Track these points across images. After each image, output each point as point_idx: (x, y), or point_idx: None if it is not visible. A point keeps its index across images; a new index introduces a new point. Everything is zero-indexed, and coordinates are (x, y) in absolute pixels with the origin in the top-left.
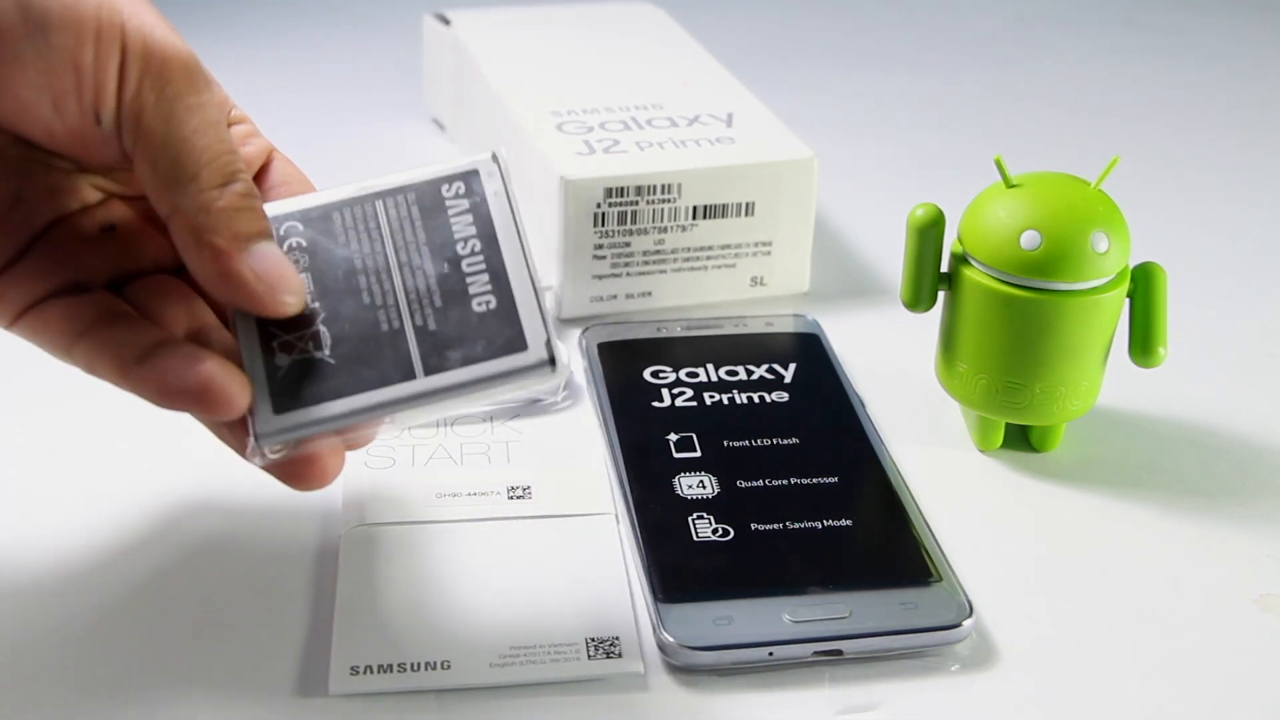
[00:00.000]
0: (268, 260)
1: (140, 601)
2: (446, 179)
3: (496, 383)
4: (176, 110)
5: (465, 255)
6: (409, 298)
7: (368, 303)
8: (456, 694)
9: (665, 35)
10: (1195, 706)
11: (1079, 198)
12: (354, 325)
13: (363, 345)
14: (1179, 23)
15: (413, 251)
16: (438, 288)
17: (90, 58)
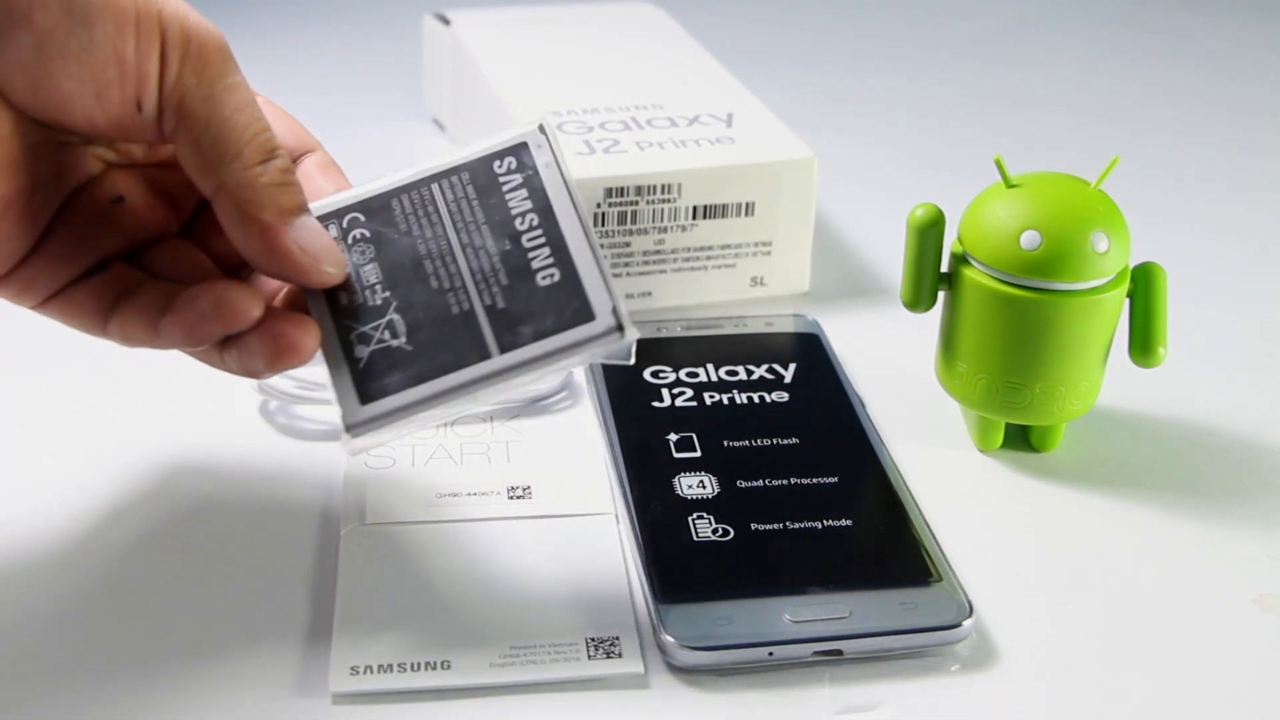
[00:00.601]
0: (310, 233)
1: (140, 601)
2: (497, 155)
3: (570, 353)
4: (216, 91)
5: (524, 230)
6: (475, 278)
7: (436, 287)
8: (456, 694)
9: (665, 35)
10: (1195, 706)
11: (1079, 198)
12: (426, 311)
13: (437, 330)
14: (1179, 23)
15: (474, 232)
16: (502, 265)
17: (132, 48)
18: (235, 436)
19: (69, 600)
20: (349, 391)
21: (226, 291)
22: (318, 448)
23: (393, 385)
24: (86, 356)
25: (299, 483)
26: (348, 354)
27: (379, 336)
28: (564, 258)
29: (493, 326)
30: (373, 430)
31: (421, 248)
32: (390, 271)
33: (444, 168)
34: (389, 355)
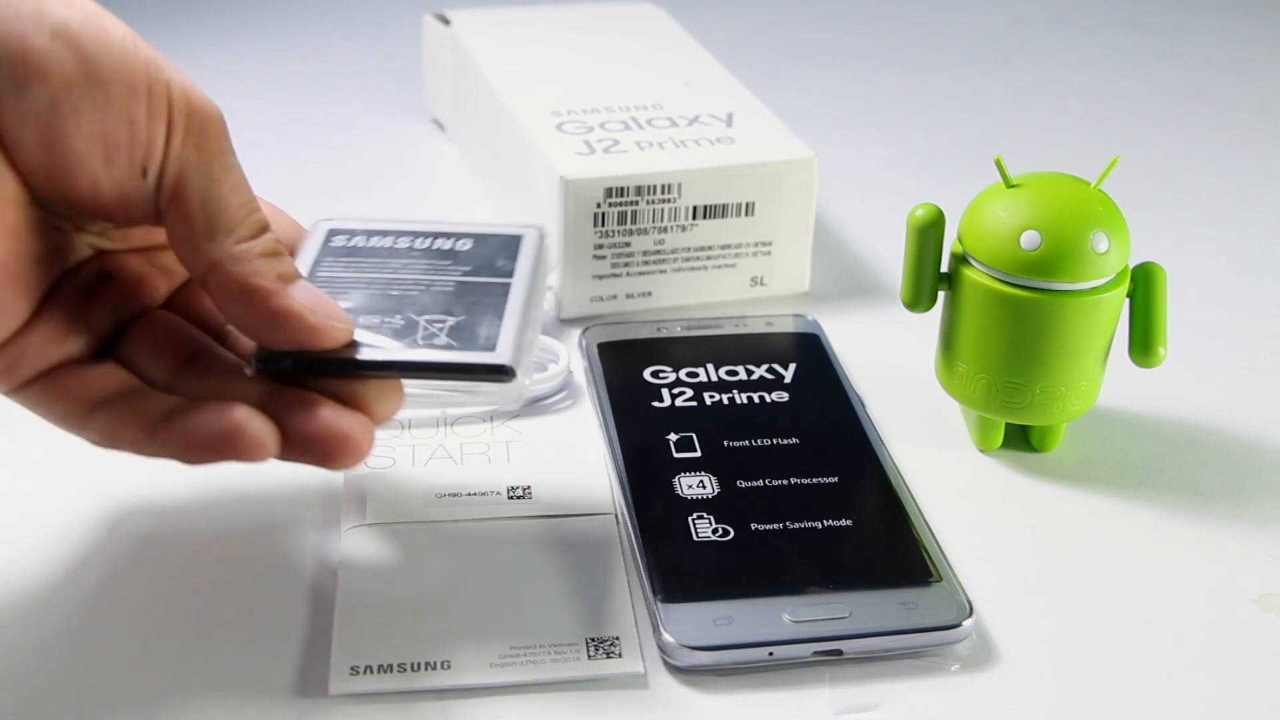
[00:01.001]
0: (312, 294)
1: (140, 601)
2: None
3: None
4: (214, 169)
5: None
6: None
7: (393, 294)
8: (456, 694)
9: (665, 35)
10: (1195, 706)
11: (1079, 198)
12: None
13: (369, 316)
14: (1179, 23)
15: (441, 269)
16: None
17: (143, 112)
18: None
19: (68, 598)
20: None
21: (246, 422)
22: None
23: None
24: None
25: (299, 483)
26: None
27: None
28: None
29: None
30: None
31: (398, 271)
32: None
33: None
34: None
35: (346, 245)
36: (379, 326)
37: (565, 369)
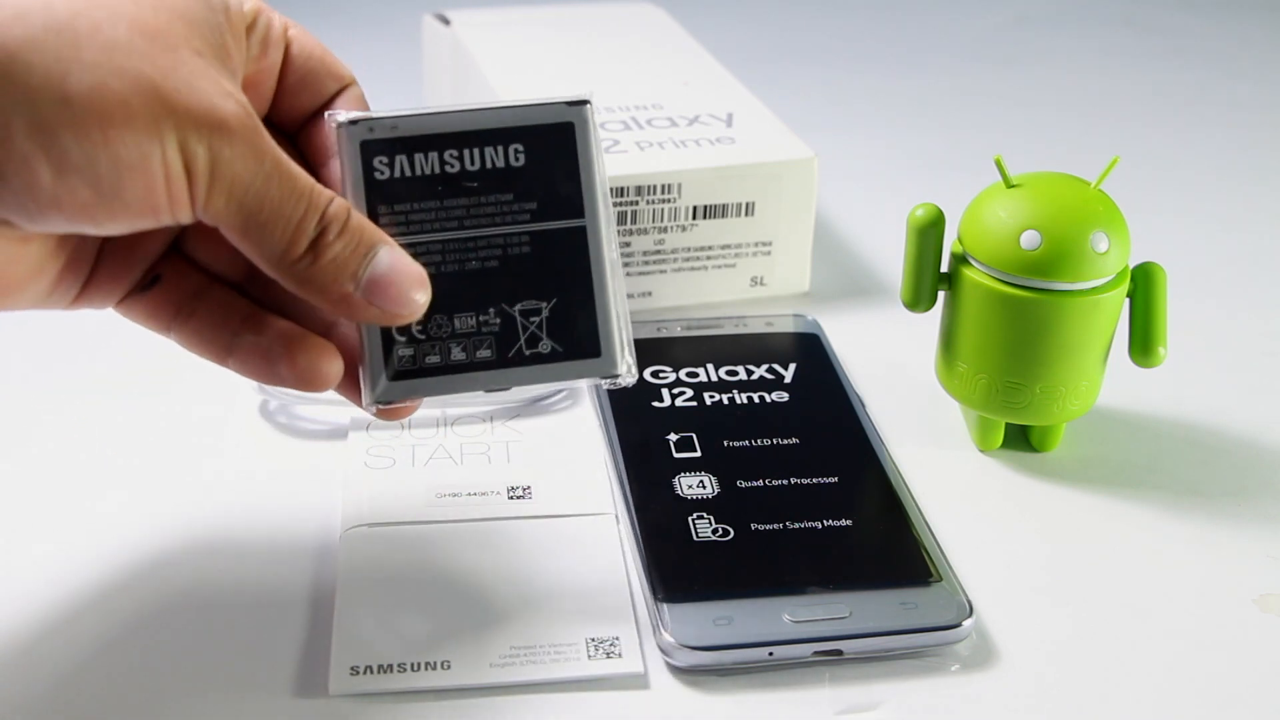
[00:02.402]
0: (385, 274)
1: (140, 601)
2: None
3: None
4: (249, 192)
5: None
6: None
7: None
8: (456, 694)
9: (665, 35)
10: (1195, 706)
11: (1079, 198)
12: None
13: (462, 323)
14: (1179, 23)
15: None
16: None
17: (159, 169)
18: (236, 436)
19: (68, 598)
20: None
21: (315, 359)
22: (318, 447)
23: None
24: (89, 359)
25: (299, 483)
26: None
27: (414, 331)
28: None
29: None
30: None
31: (466, 231)
32: (435, 250)
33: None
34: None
35: (394, 175)
36: (479, 333)
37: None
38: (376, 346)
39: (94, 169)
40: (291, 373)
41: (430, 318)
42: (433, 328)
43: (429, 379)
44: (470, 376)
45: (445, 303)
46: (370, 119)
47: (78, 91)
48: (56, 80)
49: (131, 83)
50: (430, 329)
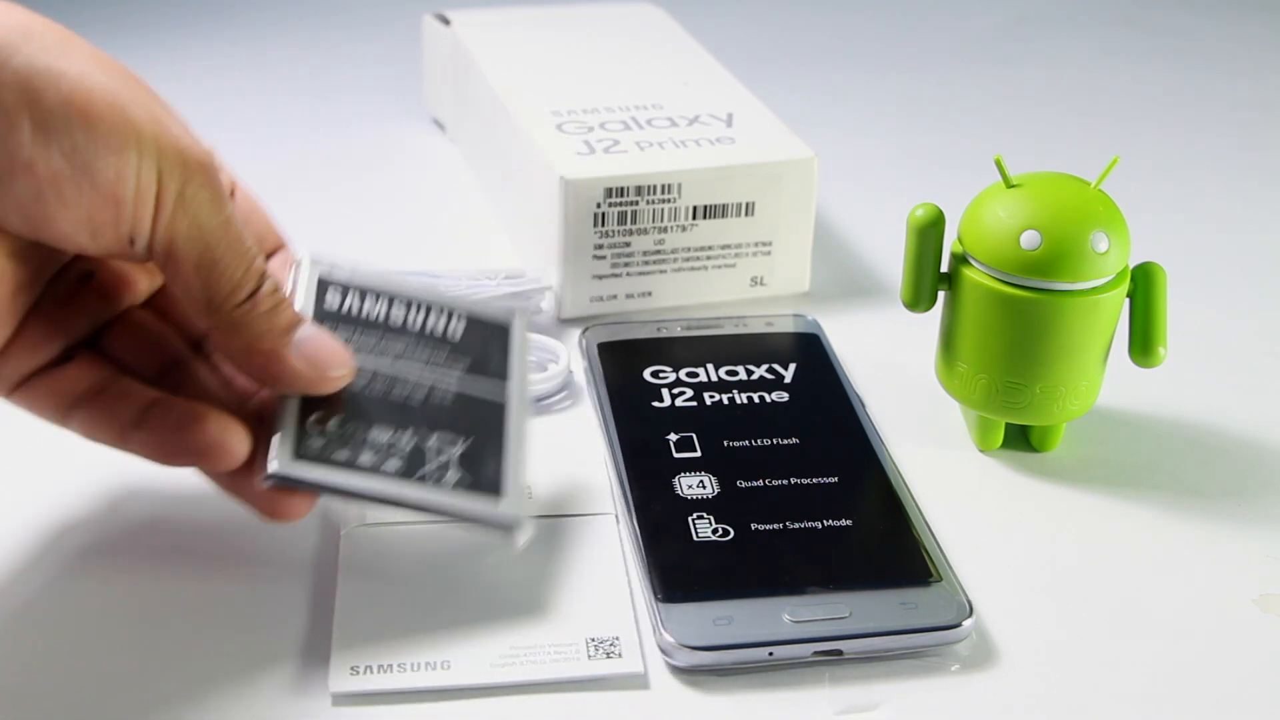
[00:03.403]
0: (312, 343)
1: (140, 601)
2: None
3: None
4: (207, 231)
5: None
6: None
7: (397, 401)
8: (456, 694)
9: (665, 35)
10: (1195, 706)
11: (1079, 198)
12: (376, 415)
13: (377, 435)
14: (1179, 23)
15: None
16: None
17: (130, 188)
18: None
19: (68, 598)
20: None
21: (218, 433)
22: None
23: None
24: None
25: None
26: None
27: (334, 415)
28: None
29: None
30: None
31: (398, 367)
32: (365, 375)
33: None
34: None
35: (341, 309)
36: (390, 449)
37: (565, 369)
38: (291, 425)
39: (72, 139)
40: (200, 442)
41: (348, 422)
42: (349, 429)
43: (332, 469)
44: (374, 480)
45: (364, 415)
46: (333, 264)
47: (73, 85)
48: (55, 71)
49: (120, 100)
50: (346, 430)
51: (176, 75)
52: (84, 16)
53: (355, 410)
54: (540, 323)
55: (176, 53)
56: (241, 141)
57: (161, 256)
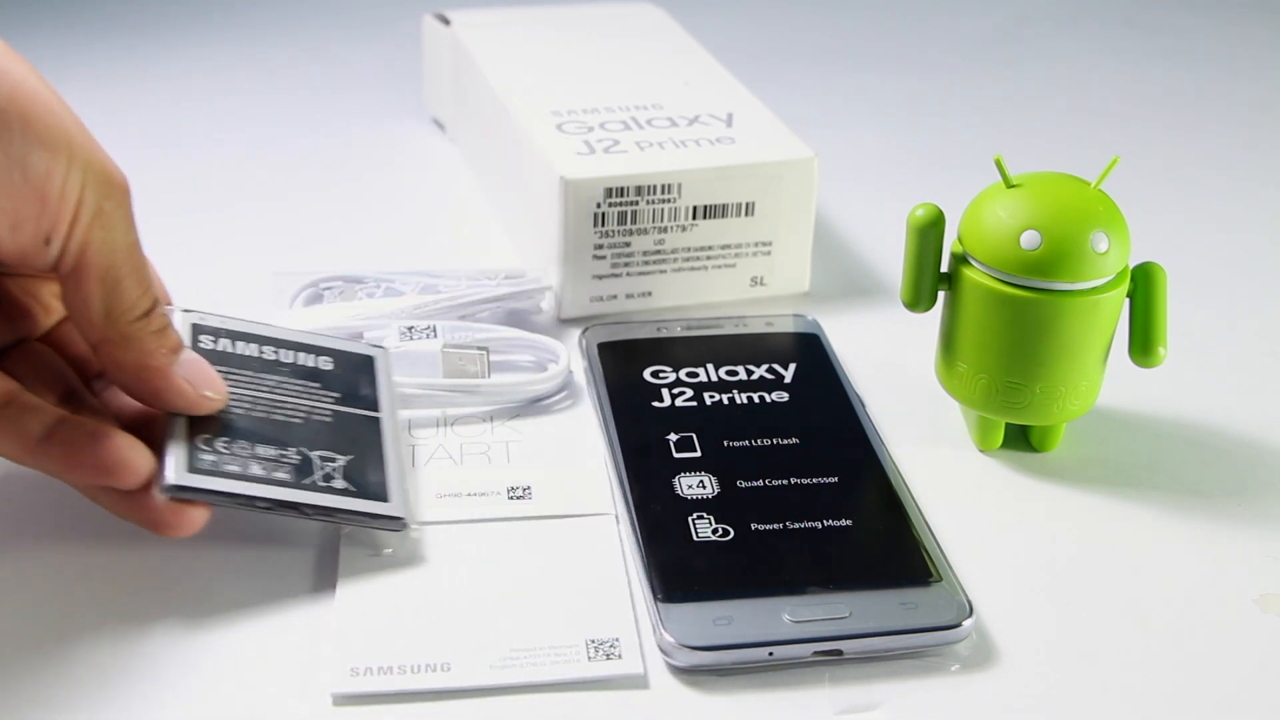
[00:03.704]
0: (192, 366)
1: (140, 601)
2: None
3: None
4: (118, 247)
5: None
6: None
7: (279, 422)
8: (456, 695)
9: (665, 35)
10: (1195, 706)
11: (1079, 198)
12: (260, 435)
13: (263, 450)
14: (1179, 23)
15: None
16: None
17: (57, 189)
18: None
19: (67, 597)
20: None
21: (124, 450)
22: None
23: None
24: None
25: None
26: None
27: (223, 432)
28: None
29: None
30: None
31: (275, 396)
32: (246, 400)
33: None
34: (226, 449)
35: (215, 349)
36: (278, 461)
37: (565, 369)
38: (181, 438)
39: (10, 133)
40: (108, 459)
41: (234, 440)
42: (236, 446)
43: (225, 479)
44: (266, 488)
45: (249, 435)
46: (205, 314)
47: (15, 85)
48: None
49: (56, 109)
50: (234, 447)
51: (176, 75)
52: (84, 16)
53: (240, 430)
54: (540, 323)
55: (176, 52)
56: (241, 141)
57: (70, 263)
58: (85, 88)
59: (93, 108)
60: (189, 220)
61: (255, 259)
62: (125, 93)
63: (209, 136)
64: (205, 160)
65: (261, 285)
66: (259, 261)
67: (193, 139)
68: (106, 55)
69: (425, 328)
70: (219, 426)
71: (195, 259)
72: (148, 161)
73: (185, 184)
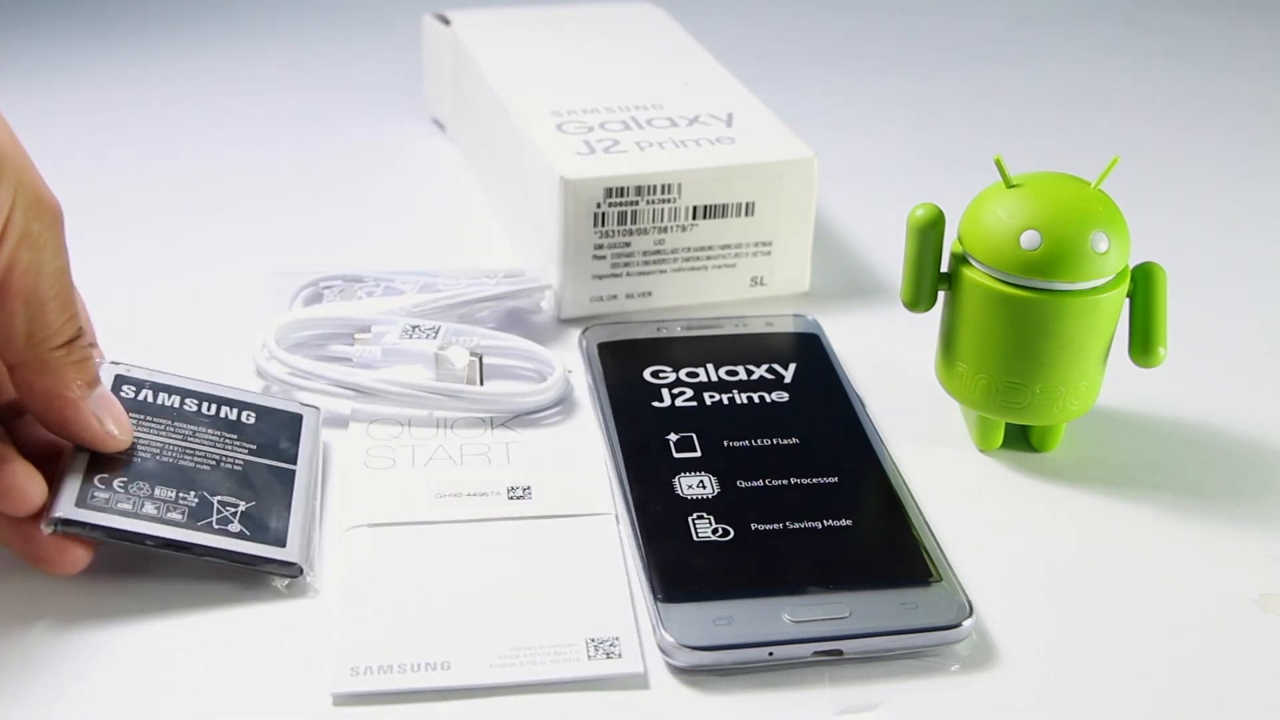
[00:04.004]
0: (105, 401)
1: (139, 601)
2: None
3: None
4: (44, 272)
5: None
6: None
7: (184, 468)
8: (456, 694)
9: (665, 35)
10: (1195, 706)
11: (1079, 198)
12: (162, 478)
13: (162, 492)
14: (1179, 23)
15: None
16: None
17: None
18: None
19: (67, 597)
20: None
21: (20, 477)
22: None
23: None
24: None
25: None
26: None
27: (119, 472)
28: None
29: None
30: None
31: (187, 444)
32: (156, 446)
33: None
34: (120, 486)
35: (135, 399)
36: (175, 503)
37: (562, 379)
38: (78, 475)
39: None
40: (2, 485)
41: (133, 481)
42: (134, 487)
43: (115, 516)
44: (157, 526)
45: (150, 477)
46: (131, 365)
47: None
48: None
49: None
50: (131, 488)
51: (176, 75)
52: (84, 16)
53: (141, 472)
54: (540, 323)
55: (176, 52)
56: (241, 141)
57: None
58: (85, 88)
59: (93, 108)
60: (189, 220)
61: (255, 259)
62: (125, 93)
63: (209, 136)
64: (205, 160)
65: (261, 285)
66: (259, 261)
67: (193, 139)
68: (106, 55)
69: (430, 328)
70: (119, 467)
71: (195, 259)
72: (148, 161)
73: (185, 184)
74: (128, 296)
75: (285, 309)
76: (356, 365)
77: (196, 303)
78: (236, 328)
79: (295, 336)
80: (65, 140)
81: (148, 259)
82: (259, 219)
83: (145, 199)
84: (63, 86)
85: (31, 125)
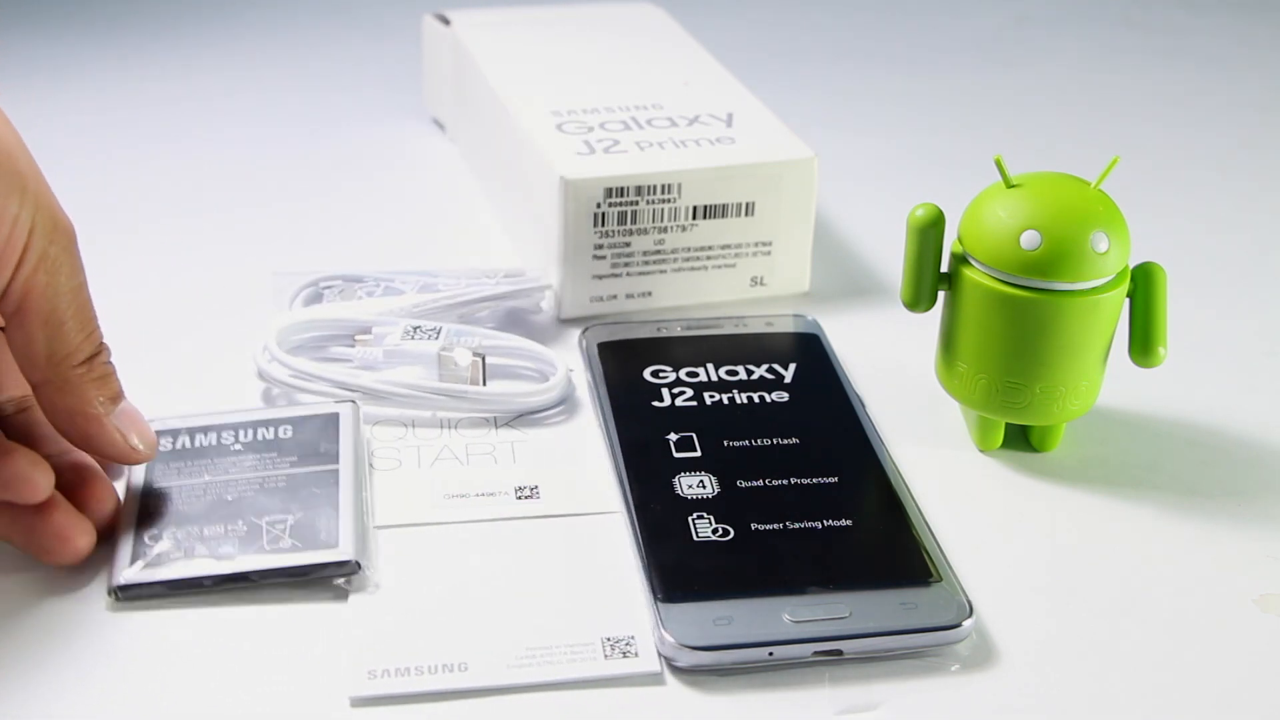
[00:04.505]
0: (128, 416)
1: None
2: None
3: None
4: (62, 293)
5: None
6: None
7: (228, 501)
8: (475, 695)
9: (665, 35)
10: (1195, 706)
11: (1079, 198)
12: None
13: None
14: (1179, 23)
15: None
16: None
17: (6, 229)
18: None
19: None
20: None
21: (26, 466)
22: None
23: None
24: None
25: None
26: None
27: (163, 538)
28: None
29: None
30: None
31: (228, 476)
32: (199, 488)
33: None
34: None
35: (173, 448)
36: (224, 536)
37: (564, 379)
38: (129, 538)
39: None
40: (10, 474)
41: (180, 529)
42: (182, 534)
43: (169, 568)
44: (214, 564)
45: (198, 519)
46: (166, 419)
47: None
48: None
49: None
50: (179, 535)
51: (176, 75)
52: (85, 17)
53: (187, 517)
54: (540, 323)
55: (176, 52)
56: (241, 141)
57: (13, 305)
58: (86, 88)
59: (93, 108)
60: (189, 220)
61: (255, 259)
62: (126, 93)
63: (209, 137)
64: (205, 160)
65: (261, 285)
66: (259, 261)
67: (193, 139)
68: (107, 56)
69: (431, 329)
70: (167, 519)
71: (195, 259)
72: (148, 162)
73: (185, 184)
74: (128, 297)
75: (285, 309)
76: (358, 367)
77: (196, 303)
78: (236, 328)
79: (296, 339)
80: (65, 140)
81: (148, 259)
82: (259, 219)
83: (145, 199)
84: (63, 86)
85: (31, 125)
